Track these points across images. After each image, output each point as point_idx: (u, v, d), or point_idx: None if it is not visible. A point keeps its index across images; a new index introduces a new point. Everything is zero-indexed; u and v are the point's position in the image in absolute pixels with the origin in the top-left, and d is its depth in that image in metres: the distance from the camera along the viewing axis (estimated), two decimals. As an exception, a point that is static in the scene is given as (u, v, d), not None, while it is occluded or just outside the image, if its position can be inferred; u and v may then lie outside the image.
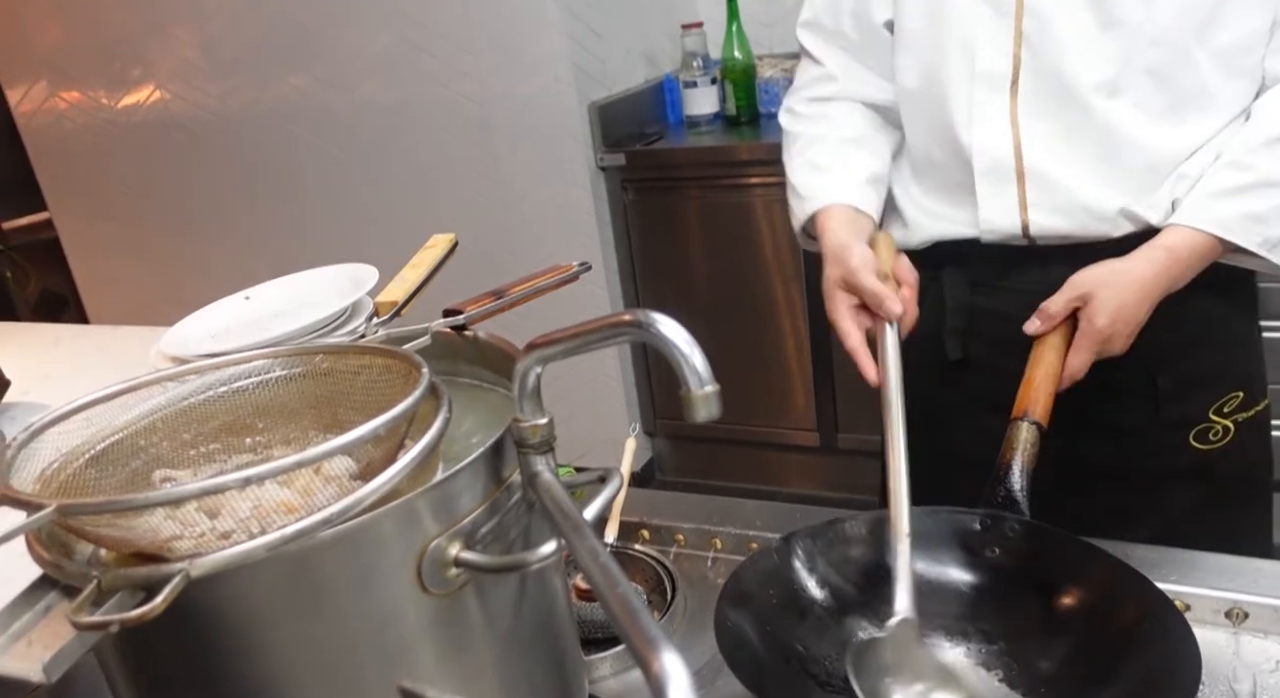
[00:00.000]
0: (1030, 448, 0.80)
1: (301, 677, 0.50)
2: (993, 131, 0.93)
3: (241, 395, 0.62)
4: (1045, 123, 0.91)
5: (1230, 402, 0.95)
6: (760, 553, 0.77)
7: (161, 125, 2.88)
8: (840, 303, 0.88)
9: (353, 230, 2.70)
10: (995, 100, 0.92)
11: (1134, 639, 0.65)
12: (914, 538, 0.74)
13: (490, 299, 0.76)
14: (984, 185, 0.94)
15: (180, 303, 1.01)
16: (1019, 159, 0.92)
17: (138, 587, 0.43)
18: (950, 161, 0.97)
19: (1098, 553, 0.71)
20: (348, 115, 2.60)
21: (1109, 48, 0.87)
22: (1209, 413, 0.95)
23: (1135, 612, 0.67)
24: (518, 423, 0.56)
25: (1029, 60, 0.90)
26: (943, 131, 0.96)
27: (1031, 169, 0.92)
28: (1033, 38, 0.89)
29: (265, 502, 0.49)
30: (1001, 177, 0.93)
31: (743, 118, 2.55)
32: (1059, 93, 0.89)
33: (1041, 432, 0.82)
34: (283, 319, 0.90)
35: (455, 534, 0.52)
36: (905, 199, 1.03)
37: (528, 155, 2.44)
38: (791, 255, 2.31)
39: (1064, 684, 0.67)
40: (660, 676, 0.35)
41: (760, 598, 0.73)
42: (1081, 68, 0.88)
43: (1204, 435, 0.96)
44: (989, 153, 0.93)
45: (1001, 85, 0.92)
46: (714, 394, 0.46)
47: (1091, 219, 0.91)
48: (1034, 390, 0.84)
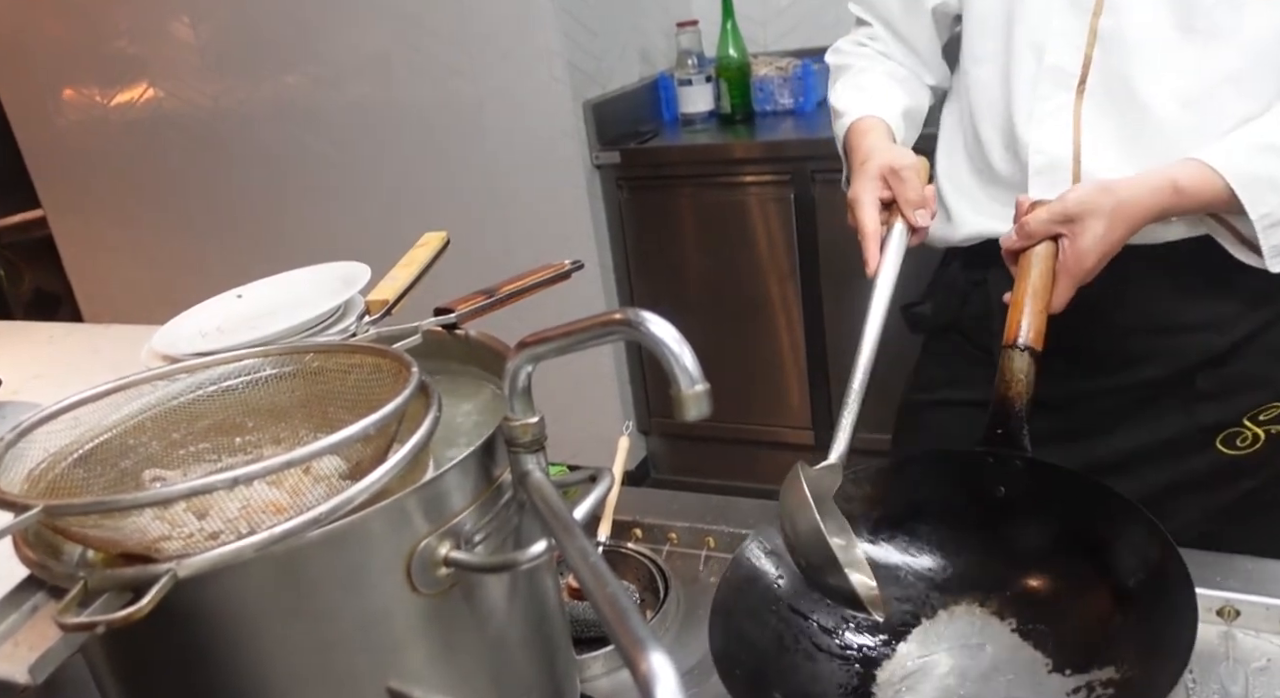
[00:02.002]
0: (1026, 378, 0.76)
1: (290, 677, 0.50)
2: (1053, 130, 0.90)
3: (231, 395, 0.62)
4: (1109, 127, 0.88)
5: (1268, 411, 0.92)
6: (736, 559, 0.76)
7: (156, 123, 2.87)
8: (873, 189, 0.87)
9: (345, 229, 2.70)
10: (1060, 97, 0.89)
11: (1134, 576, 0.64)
12: (920, 482, 0.75)
13: (481, 298, 0.75)
14: (1036, 185, 0.91)
15: (174, 301, 1.00)
16: (1077, 161, 0.89)
17: (125, 587, 0.43)
18: (1007, 156, 0.94)
19: (1096, 488, 0.69)
20: (342, 113, 2.59)
21: (1190, 54, 0.83)
22: (1243, 418, 0.92)
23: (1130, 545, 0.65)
24: (508, 422, 0.55)
25: (1101, 60, 0.87)
26: (1003, 124, 0.94)
27: (1089, 173, 0.89)
28: (1109, 37, 0.86)
29: (254, 502, 0.48)
30: (1057, 177, 0.90)
31: (738, 116, 2.55)
32: (1128, 97, 0.86)
33: (1036, 357, 0.77)
34: (274, 318, 0.90)
35: (445, 534, 0.52)
36: (953, 191, 1.00)
37: (522, 153, 2.44)
38: (786, 254, 2.31)
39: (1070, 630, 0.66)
40: (648, 676, 0.35)
41: (747, 598, 0.73)
42: (1157, 73, 0.85)
43: (1231, 440, 0.93)
44: (1047, 151, 0.90)
45: (1068, 83, 0.89)
46: (704, 393, 0.46)
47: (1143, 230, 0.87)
48: (1021, 313, 0.78)
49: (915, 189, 0.85)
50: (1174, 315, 0.92)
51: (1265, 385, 0.92)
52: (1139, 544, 0.65)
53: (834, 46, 1.11)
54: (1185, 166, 0.82)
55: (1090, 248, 0.80)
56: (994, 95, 0.95)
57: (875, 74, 1.04)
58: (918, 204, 0.85)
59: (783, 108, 2.57)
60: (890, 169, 0.87)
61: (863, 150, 0.93)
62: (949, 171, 1.02)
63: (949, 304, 1.05)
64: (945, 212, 1.01)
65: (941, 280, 0.99)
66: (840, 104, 1.03)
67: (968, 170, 1.00)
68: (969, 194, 0.99)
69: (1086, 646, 0.64)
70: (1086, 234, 0.80)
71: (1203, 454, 0.94)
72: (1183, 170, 0.81)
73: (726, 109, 2.56)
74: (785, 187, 2.25)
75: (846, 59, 1.08)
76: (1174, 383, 0.93)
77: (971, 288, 1.02)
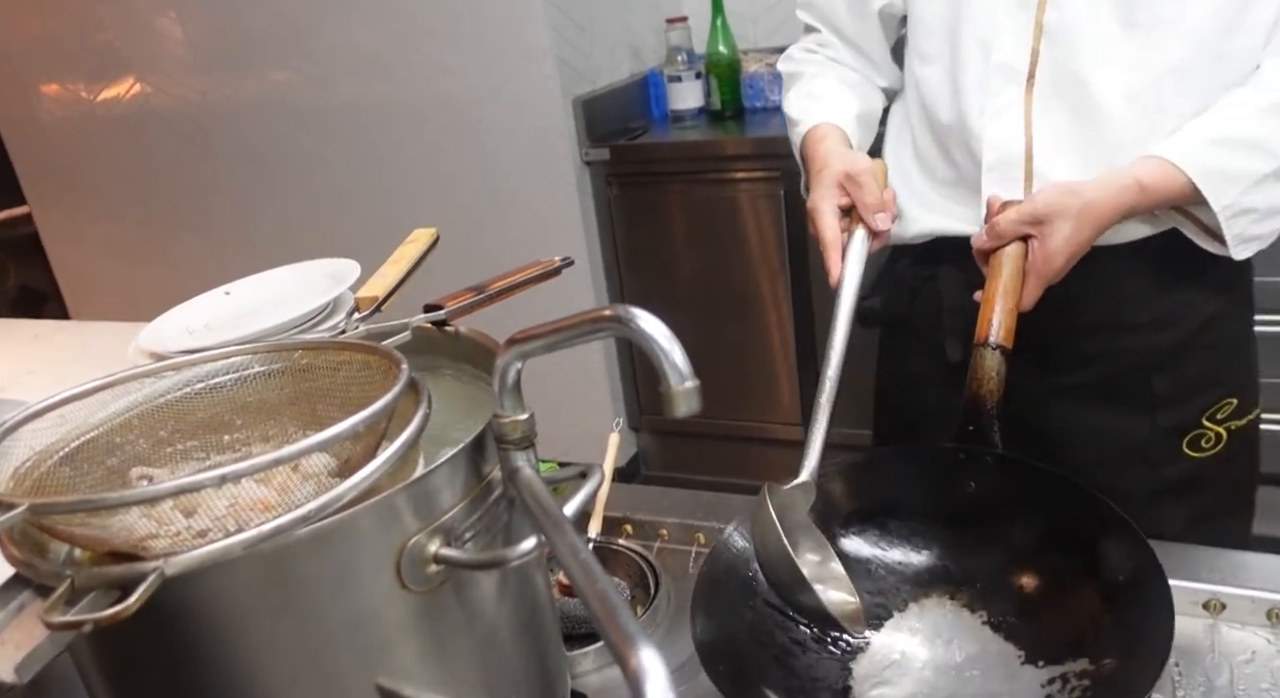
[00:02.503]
0: (997, 377, 0.77)
1: (280, 675, 0.50)
2: (1004, 126, 0.91)
3: (220, 392, 0.61)
4: (1060, 122, 0.89)
5: (1224, 408, 0.94)
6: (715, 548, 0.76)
7: (143, 119, 2.85)
8: (831, 197, 0.88)
9: (335, 226, 2.69)
10: (1009, 93, 0.90)
11: (1104, 568, 0.65)
12: (892, 479, 0.76)
13: (471, 294, 0.75)
14: (990, 181, 0.92)
15: (162, 298, 1.00)
16: (1029, 157, 0.90)
17: (112, 586, 0.43)
18: (958, 154, 0.95)
19: (1069, 485, 0.70)
20: (331, 111, 2.58)
21: (1133, 46, 0.84)
22: (1202, 419, 0.94)
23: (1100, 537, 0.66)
24: (498, 419, 0.55)
25: (1048, 54, 0.88)
26: (954, 122, 0.95)
27: (1040, 170, 0.90)
28: (1054, 31, 0.87)
29: (242, 499, 0.48)
30: (1009, 174, 0.91)
31: (727, 112, 2.55)
32: (1076, 90, 0.87)
33: (1006, 354, 0.78)
34: (263, 315, 0.89)
35: (435, 531, 0.52)
36: (902, 189, 1.02)
37: (512, 150, 2.43)
38: (777, 250, 2.31)
39: (1042, 622, 0.67)
40: (638, 672, 0.35)
41: (726, 592, 0.73)
42: (1103, 66, 0.86)
43: (1196, 442, 0.95)
44: (999, 148, 0.91)
45: (1017, 79, 0.89)
46: (694, 389, 0.46)
47: None
48: (992, 311, 0.80)
49: (873, 194, 0.86)
50: (1119, 315, 0.93)
51: (1217, 384, 0.94)
52: (1109, 536, 0.66)
53: (785, 54, 1.12)
54: (1147, 165, 0.83)
55: (1059, 249, 0.82)
56: (943, 94, 0.95)
57: (827, 80, 1.05)
58: (876, 208, 0.86)
59: (773, 104, 2.57)
60: (847, 175, 0.88)
61: (819, 158, 0.94)
62: (898, 170, 1.03)
63: (899, 299, 1.06)
64: (897, 211, 1.02)
65: (890, 276, 1.00)
66: (794, 112, 1.04)
67: (916, 169, 1.01)
68: (918, 192, 1.01)
69: (1058, 638, 0.65)
70: (1055, 235, 0.82)
71: (1174, 462, 0.95)
72: (1145, 168, 0.83)
73: (716, 105, 2.55)
74: (775, 183, 2.25)
75: (798, 67, 1.09)
76: (1130, 385, 0.95)
77: (921, 284, 1.03)
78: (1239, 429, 0.96)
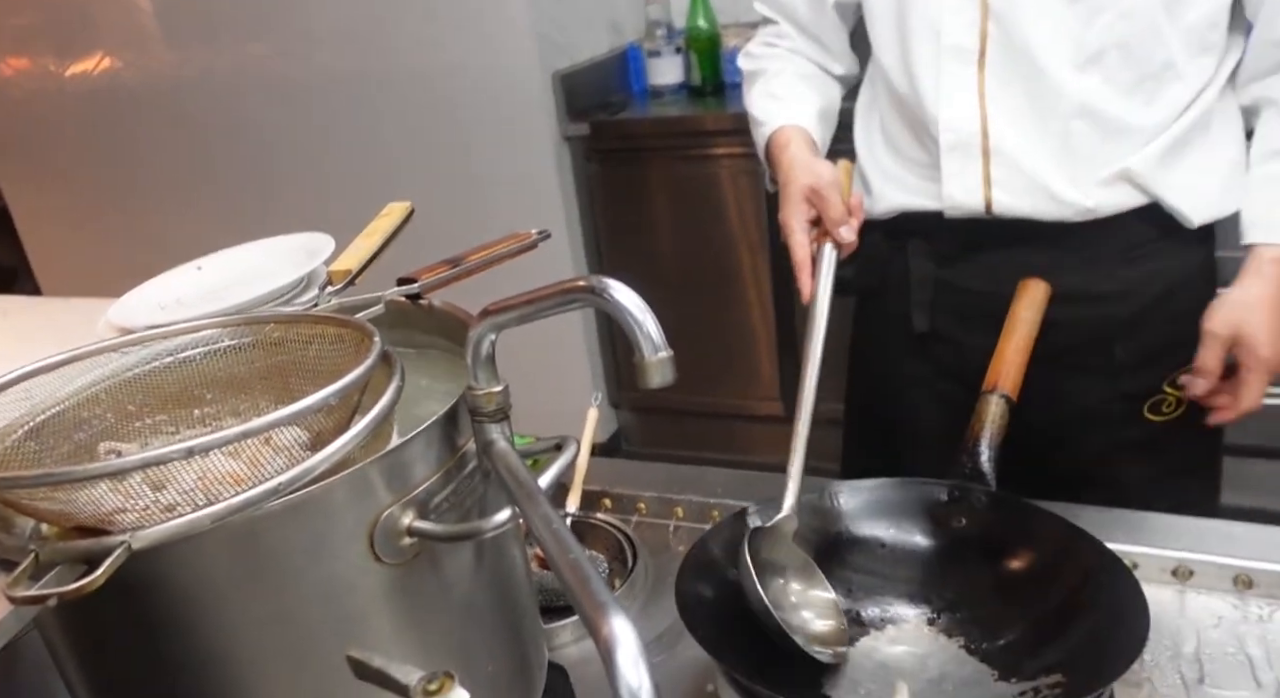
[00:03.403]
0: (999, 421, 0.81)
1: (252, 649, 0.50)
2: (960, 106, 0.92)
3: (189, 366, 0.61)
4: (1013, 98, 0.91)
5: (1183, 374, 0.96)
6: (724, 522, 0.78)
7: (113, 93, 2.79)
8: (800, 213, 0.90)
9: (309, 200, 2.65)
10: (963, 73, 0.92)
11: (1086, 600, 0.67)
12: (882, 508, 0.77)
13: (446, 268, 0.74)
14: (949, 161, 0.94)
15: (134, 274, 0.98)
16: (985, 136, 0.92)
17: (78, 560, 0.42)
18: (918, 134, 0.97)
19: (1055, 520, 0.72)
20: (305, 84, 2.54)
21: (1078, 21, 0.86)
22: (1163, 385, 0.96)
23: (1087, 572, 0.68)
24: (472, 391, 0.55)
25: (996, 33, 0.89)
26: (912, 104, 0.96)
27: (997, 146, 0.92)
28: (1000, 10, 0.89)
29: (212, 473, 0.48)
30: (967, 152, 0.93)
31: (707, 88, 2.53)
32: (1028, 67, 0.89)
33: (1010, 405, 0.83)
34: (236, 290, 0.88)
35: (409, 503, 0.52)
36: (872, 167, 1.04)
37: (490, 125, 2.41)
38: (756, 226, 2.31)
39: (1020, 646, 0.68)
40: (609, 639, 0.35)
41: (723, 565, 0.73)
42: (1051, 41, 0.87)
43: (1157, 407, 0.97)
44: (955, 128, 0.93)
45: (969, 59, 0.91)
46: (667, 360, 0.46)
47: (1052, 203, 0.91)
48: (1005, 364, 0.85)
49: (836, 208, 0.88)
50: (1081, 287, 0.95)
51: (1176, 351, 0.96)
52: (1098, 573, 0.68)
53: (744, 51, 1.12)
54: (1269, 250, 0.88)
55: (1257, 345, 0.86)
56: (899, 77, 0.97)
57: (787, 78, 1.06)
58: (840, 222, 0.88)
59: (753, 79, 2.55)
60: (812, 189, 0.90)
61: (784, 167, 0.96)
62: (868, 149, 1.05)
63: (871, 271, 1.08)
64: (866, 186, 1.05)
65: (862, 248, 1.01)
66: (757, 112, 1.06)
67: (884, 149, 1.03)
68: (886, 170, 1.02)
69: (1035, 664, 0.67)
70: (1247, 338, 0.86)
71: (1134, 423, 0.98)
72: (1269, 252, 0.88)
73: (696, 81, 2.54)
74: (755, 159, 2.20)
75: (758, 64, 1.10)
76: (1092, 354, 0.96)
77: (893, 254, 1.05)
78: None
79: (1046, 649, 0.66)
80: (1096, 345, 0.96)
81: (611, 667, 0.35)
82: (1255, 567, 0.77)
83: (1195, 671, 0.71)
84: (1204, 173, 0.91)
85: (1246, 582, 0.77)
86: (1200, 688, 0.69)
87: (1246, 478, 1.97)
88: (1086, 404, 0.98)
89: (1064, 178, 0.91)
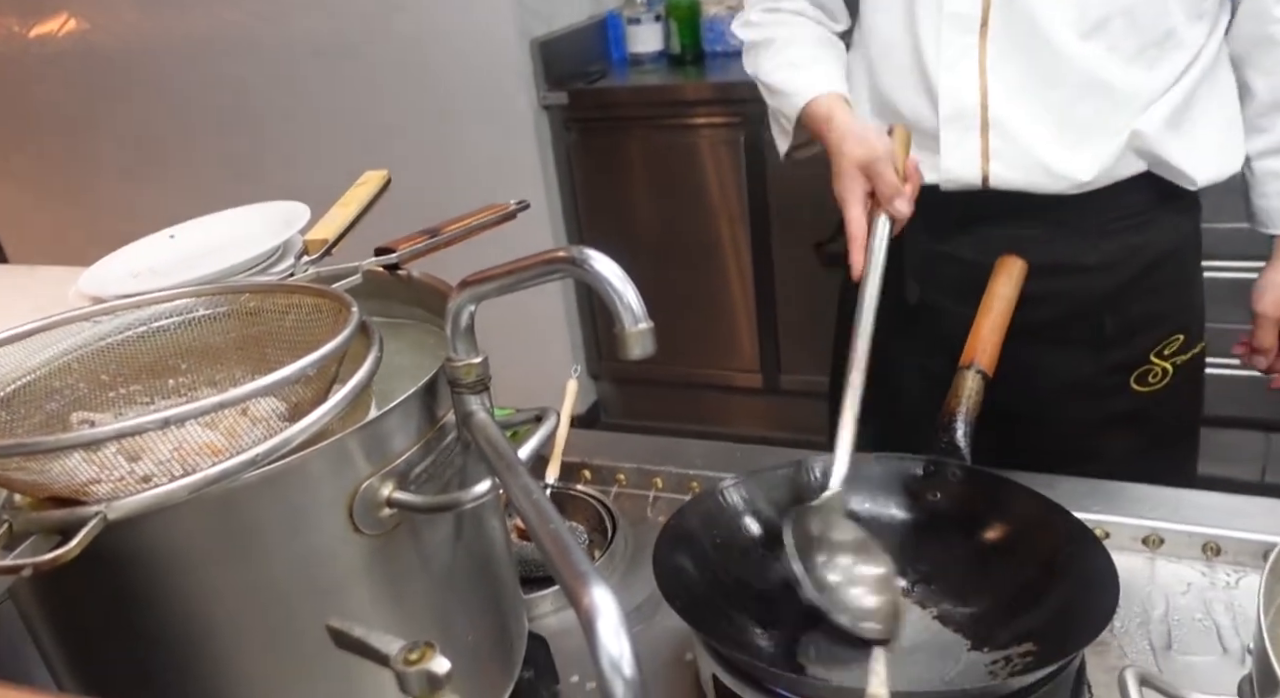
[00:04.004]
0: (974, 396, 0.82)
1: (230, 620, 0.49)
2: (960, 76, 0.91)
3: (163, 335, 0.60)
4: (1014, 67, 0.90)
5: (1171, 344, 0.97)
6: (704, 494, 0.78)
7: (81, 56, 2.73)
8: (857, 187, 0.88)
9: (283, 168, 2.61)
10: (963, 42, 0.90)
11: (1057, 571, 0.68)
12: (858, 482, 0.77)
13: (424, 238, 0.74)
14: (948, 132, 0.93)
15: (105, 242, 0.96)
16: (984, 108, 0.91)
17: (52, 531, 0.42)
18: (916, 105, 0.96)
19: (1026, 493, 0.73)
20: (279, 49, 2.50)
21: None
22: (1150, 355, 0.97)
23: (1058, 544, 0.69)
24: (451, 362, 0.55)
25: (999, 1, 0.88)
26: (911, 74, 0.95)
27: (996, 118, 0.91)
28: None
29: (188, 444, 0.47)
30: (966, 124, 0.92)
31: (687, 56, 2.51)
32: (1030, 35, 0.88)
33: (986, 380, 0.84)
34: (209, 259, 0.87)
35: (388, 475, 0.51)
36: None
37: (468, 92, 2.38)
38: (737, 196, 2.30)
39: (993, 616, 0.69)
40: (590, 609, 0.35)
41: (701, 536, 0.74)
42: (1055, 9, 0.86)
43: (1144, 378, 0.98)
44: (955, 99, 0.92)
45: (970, 27, 0.90)
46: (648, 331, 0.46)
47: (1048, 177, 0.91)
48: (981, 340, 0.85)
49: (890, 182, 0.87)
50: (1072, 258, 0.95)
51: (1163, 321, 0.97)
52: (1069, 544, 0.68)
53: (742, 19, 1.08)
54: None
55: None
56: (899, 43, 0.95)
57: (803, 45, 1.02)
58: (894, 196, 0.86)
59: (733, 48, 2.52)
60: (865, 163, 0.88)
61: (833, 138, 0.93)
62: (866, 118, 1.02)
63: None
64: None
65: None
66: (778, 82, 1.02)
67: (873, 116, 1.01)
68: None
69: (1007, 633, 0.68)
70: None
71: (1121, 395, 0.98)
72: None
73: (676, 49, 2.51)
74: (736, 129, 2.23)
75: (764, 32, 1.05)
76: (1078, 325, 0.97)
77: None
78: (1184, 363, 0.99)
79: (1018, 620, 0.67)
80: (1086, 317, 0.96)
81: (592, 637, 0.35)
82: (1223, 535, 0.78)
83: (1164, 637, 0.72)
84: (1204, 134, 0.92)
85: (1215, 549, 0.78)
86: (1168, 654, 0.71)
87: (1218, 448, 2.01)
88: (1075, 377, 0.99)
89: (1063, 149, 0.90)
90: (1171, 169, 0.91)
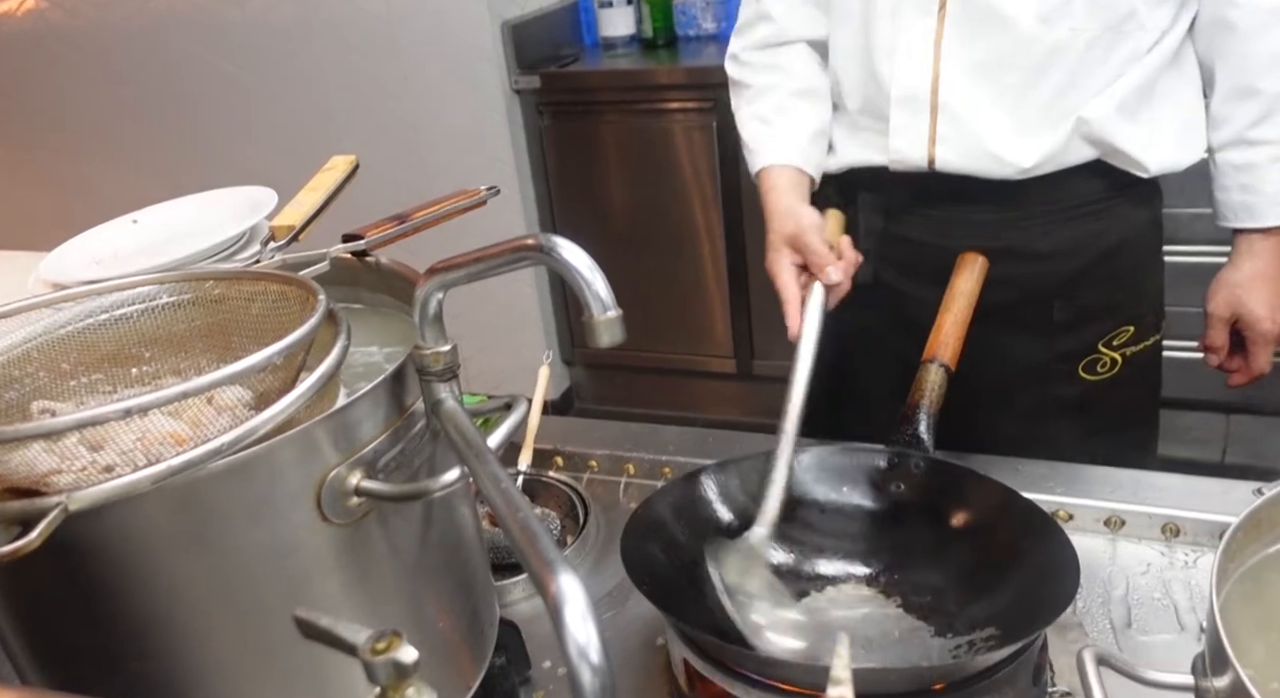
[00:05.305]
0: (937, 389, 0.83)
1: (196, 611, 0.49)
2: (914, 58, 0.92)
3: (126, 323, 0.59)
4: (969, 50, 0.90)
5: (1120, 335, 0.99)
6: (674, 482, 0.78)
7: (40, 36, 2.67)
8: (785, 258, 0.91)
9: (250, 151, 2.57)
10: (920, 24, 0.91)
11: (1018, 557, 0.69)
12: (824, 473, 0.79)
13: (393, 224, 0.73)
14: (897, 114, 0.94)
15: (66, 227, 0.94)
16: (935, 91, 0.92)
17: (12, 522, 0.41)
18: (870, 87, 0.96)
19: (989, 483, 0.75)
20: (245, 29, 2.45)
21: None
22: (1099, 345, 0.98)
23: (1018, 531, 0.70)
24: (419, 350, 0.55)
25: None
26: (865, 55, 0.95)
27: (945, 102, 0.92)
28: None
29: (152, 433, 0.47)
30: (916, 107, 0.93)
31: (660, 41, 2.50)
32: (988, 16, 0.88)
33: (949, 374, 0.85)
34: (174, 245, 0.85)
35: (356, 463, 0.51)
36: (833, 122, 1.03)
37: (437, 76, 2.35)
38: (710, 181, 2.30)
39: (956, 603, 0.71)
40: (557, 596, 0.35)
41: (671, 522, 0.74)
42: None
43: (1092, 367, 0.99)
44: (906, 81, 0.93)
45: (928, 9, 0.90)
46: (616, 319, 0.46)
47: (994, 162, 0.92)
48: (944, 335, 0.87)
49: (818, 252, 0.88)
50: (1024, 244, 0.96)
51: (1114, 312, 0.98)
52: (1029, 531, 0.70)
53: (731, 52, 1.07)
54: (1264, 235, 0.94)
55: (1258, 319, 0.93)
56: (854, 27, 0.96)
57: (779, 95, 1.02)
58: (824, 265, 0.88)
59: (706, 33, 2.52)
60: (792, 237, 0.90)
61: (767, 213, 0.96)
62: None
63: None
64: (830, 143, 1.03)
65: (816, 202, 1.01)
66: (746, 136, 1.03)
67: (841, 102, 1.02)
68: (842, 125, 1.02)
69: (968, 616, 0.69)
70: (1248, 314, 0.93)
71: (1069, 382, 1.00)
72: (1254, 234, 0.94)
73: (648, 33, 2.50)
74: (708, 114, 2.23)
75: (743, 74, 1.05)
76: (1031, 312, 0.98)
77: (844, 209, 1.04)
78: (1134, 355, 1.00)
79: (980, 605, 0.69)
80: (1036, 304, 0.98)
81: (560, 624, 0.35)
82: (1182, 516, 0.80)
83: (1124, 616, 0.74)
84: (1161, 122, 0.92)
85: (1174, 530, 0.80)
86: (1128, 632, 0.72)
87: (1179, 430, 2.04)
88: (1026, 362, 1.00)
89: (1012, 134, 0.91)
90: (1124, 156, 0.92)
